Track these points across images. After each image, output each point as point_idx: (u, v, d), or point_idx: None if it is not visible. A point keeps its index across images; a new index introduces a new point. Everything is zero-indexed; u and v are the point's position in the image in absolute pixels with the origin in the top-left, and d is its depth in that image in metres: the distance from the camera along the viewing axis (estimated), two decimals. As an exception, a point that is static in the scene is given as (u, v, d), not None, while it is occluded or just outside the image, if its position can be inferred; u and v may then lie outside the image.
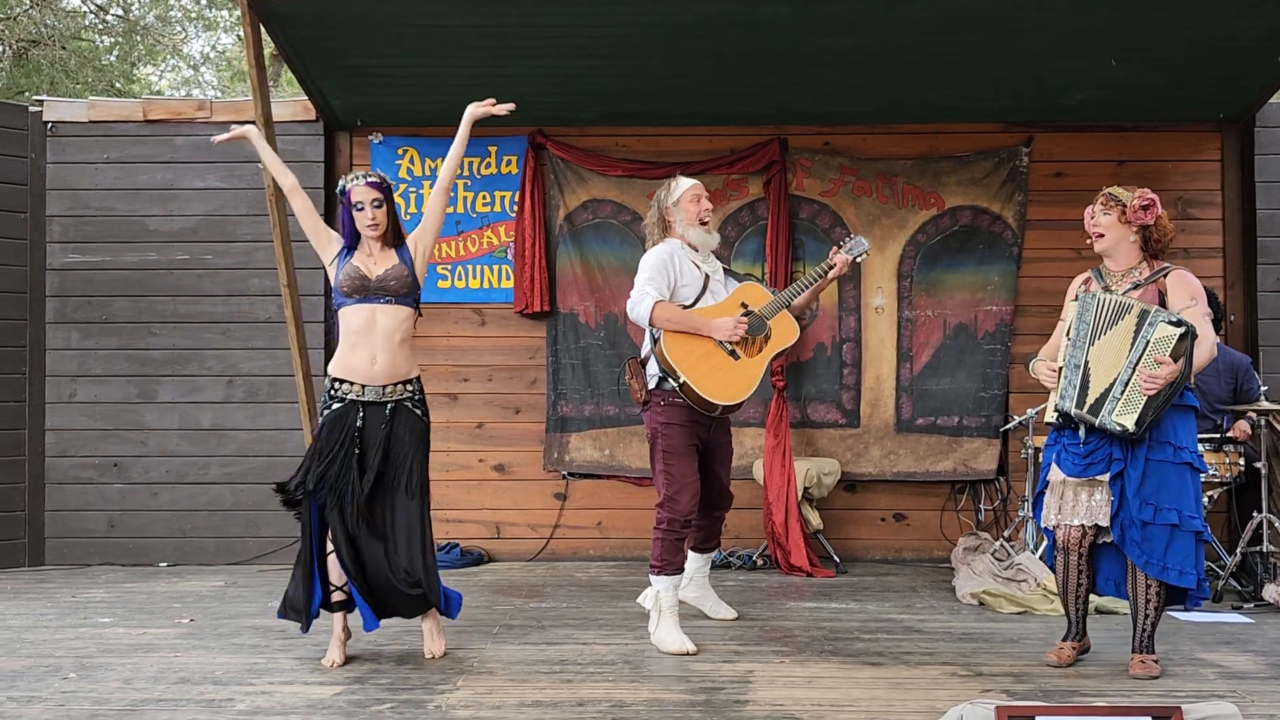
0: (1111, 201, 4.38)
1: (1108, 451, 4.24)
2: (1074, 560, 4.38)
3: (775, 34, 6.02)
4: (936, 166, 7.15)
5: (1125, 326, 4.19)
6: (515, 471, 7.28)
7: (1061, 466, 4.37)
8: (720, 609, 5.31)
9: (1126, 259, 4.37)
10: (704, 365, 4.76)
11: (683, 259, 4.89)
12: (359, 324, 4.42)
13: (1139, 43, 6.12)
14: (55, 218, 7.17)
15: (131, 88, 17.28)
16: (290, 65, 6.57)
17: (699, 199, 4.91)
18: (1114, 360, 4.20)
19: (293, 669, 4.41)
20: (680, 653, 4.60)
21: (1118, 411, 4.15)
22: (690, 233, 4.89)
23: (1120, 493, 4.23)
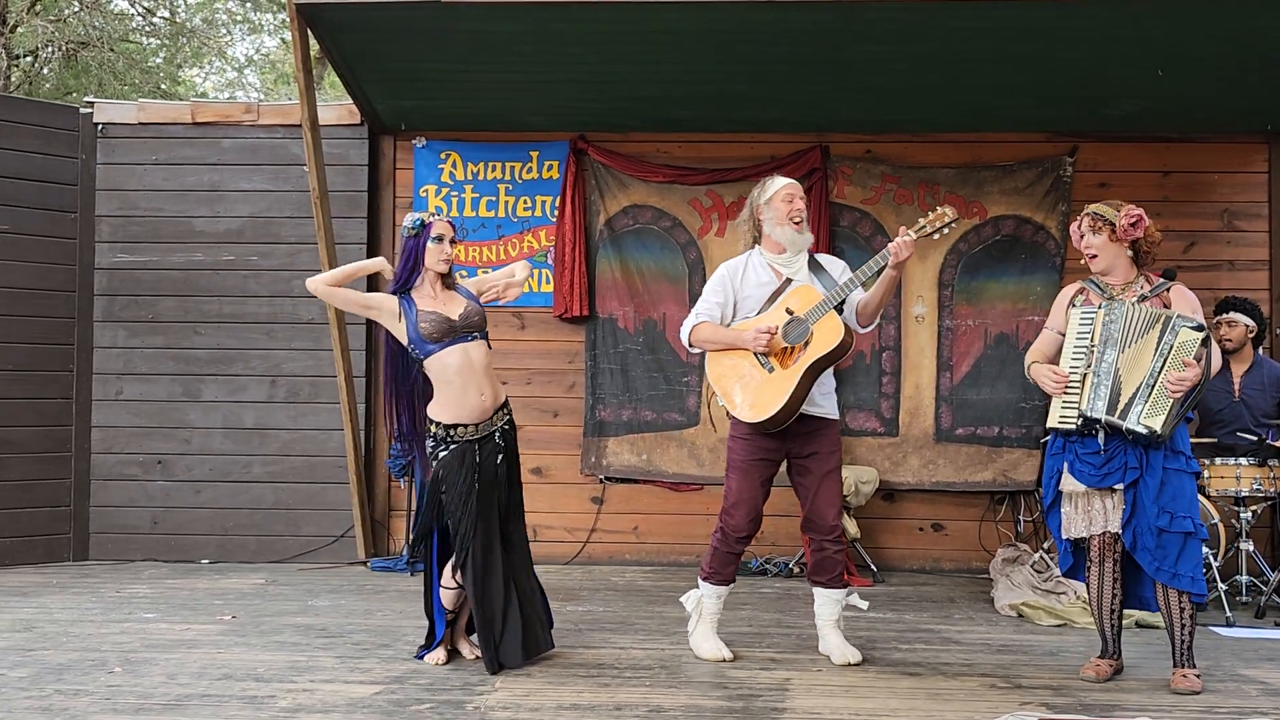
0: (1100, 222, 4.37)
1: (1123, 460, 4.25)
2: (1109, 569, 4.34)
3: (819, 41, 6.03)
4: (979, 175, 7.12)
5: (1154, 336, 4.21)
6: (552, 475, 7.32)
7: (1077, 476, 4.34)
8: (843, 652, 4.64)
9: (1123, 274, 4.40)
10: (737, 381, 4.62)
11: (756, 265, 4.70)
12: (457, 364, 4.42)
13: (1186, 53, 6.07)
14: (104, 218, 7.28)
15: (177, 89, 17.51)
16: (336, 69, 6.64)
17: (792, 199, 4.63)
18: (1140, 368, 4.22)
19: (333, 667, 4.46)
20: (715, 659, 4.61)
21: (1145, 414, 4.17)
22: (778, 231, 4.63)
23: (1134, 501, 4.22)
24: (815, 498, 4.62)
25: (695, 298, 7.12)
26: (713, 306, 4.68)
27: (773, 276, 4.67)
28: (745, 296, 4.67)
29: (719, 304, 4.68)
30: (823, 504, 4.61)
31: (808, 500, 4.65)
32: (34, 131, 7.10)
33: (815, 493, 4.62)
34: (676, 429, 7.21)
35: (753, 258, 4.73)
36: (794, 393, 4.46)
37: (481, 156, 7.34)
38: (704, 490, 7.20)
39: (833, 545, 4.62)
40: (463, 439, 4.45)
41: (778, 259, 4.68)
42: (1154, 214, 6.95)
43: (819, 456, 4.62)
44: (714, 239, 7.22)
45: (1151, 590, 4.39)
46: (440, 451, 4.45)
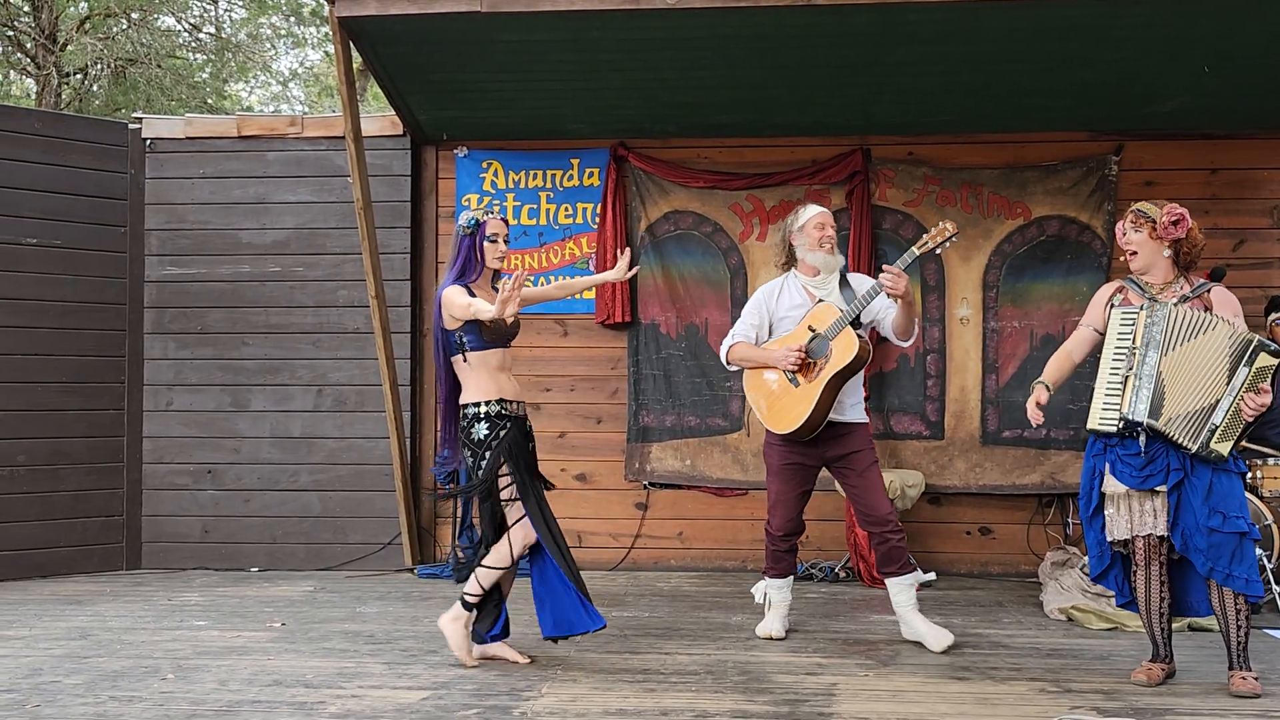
0: (1141, 218, 4.34)
1: (1165, 462, 4.20)
2: (1155, 572, 4.28)
3: (861, 44, 6.01)
4: (1023, 176, 7.06)
5: (1212, 346, 4.15)
6: (597, 481, 7.33)
7: (1118, 477, 4.29)
8: (936, 637, 4.88)
9: (1163, 274, 4.36)
10: (770, 398, 5.03)
11: (792, 288, 5.09)
12: (499, 362, 4.65)
13: (1233, 49, 5.99)
14: (153, 231, 7.39)
15: (223, 104, 17.75)
16: (378, 81, 6.71)
17: (823, 226, 5.01)
18: (1199, 378, 4.16)
19: (381, 674, 4.49)
20: (764, 635, 5.11)
21: (1217, 439, 4.14)
22: (811, 255, 5.01)
23: (1177, 503, 4.17)
24: (863, 493, 4.97)
25: (737, 302, 7.17)
26: (749, 328, 5.13)
27: (806, 299, 5.06)
28: (781, 318, 5.09)
29: (754, 325, 5.12)
30: (872, 496, 4.96)
31: (858, 498, 5.00)
32: (84, 148, 7.22)
33: (862, 489, 4.97)
34: (720, 434, 7.20)
35: (788, 280, 5.14)
36: (817, 404, 4.86)
37: (523, 165, 7.38)
38: (748, 495, 7.19)
39: (894, 534, 4.95)
40: (515, 414, 4.64)
41: (811, 281, 5.08)
42: (1202, 212, 6.92)
43: (856, 456, 4.99)
44: (755, 243, 7.21)
45: (1198, 596, 4.34)
46: (500, 430, 4.57)
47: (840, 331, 4.84)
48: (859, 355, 4.81)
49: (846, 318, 4.84)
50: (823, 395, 4.84)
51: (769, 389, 5.04)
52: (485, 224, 4.65)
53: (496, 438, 4.57)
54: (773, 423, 5.02)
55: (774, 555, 5.17)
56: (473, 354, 4.61)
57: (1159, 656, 4.38)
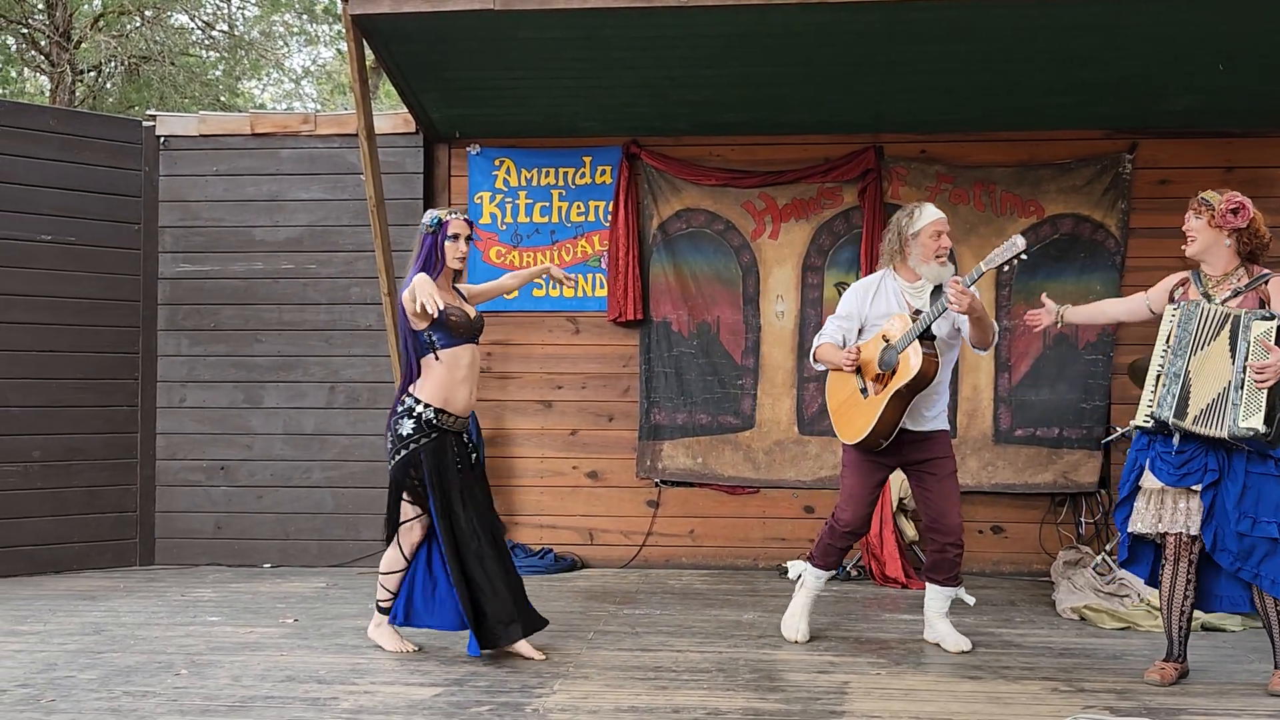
0: (1202, 205, 4.34)
1: (1203, 462, 4.18)
2: (1183, 569, 4.27)
3: (873, 42, 5.99)
4: (1036, 174, 7.04)
5: (1225, 338, 4.13)
6: (608, 478, 7.34)
7: (1156, 473, 4.29)
8: (955, 640, 4.92)
9: (1222, 264, 4.32)
10: (843, 405, 4.94)
11: (889, 291, 4.89)
12: (468, 361, 4.67)
13: (1248, 46, 5.96)
14: (167, 228, 7.41)
15: (236, 101, 17.80)
16: (391, 78, 6.71)
17: (940, 235, 4.80)
18: (1216, 371, 4.13)
19: (394, 670, 4.51)
20: (789, 638, 5.02)
21: (1242, 416, 4.07)
22: (924, 268, 4.82)
23: (1212, 504, 4.15)
24: (938, 501, 4.86)
25: (749, 300, 7.18)
26: (836, 330, 4.95)
27: (903, 307, 4.85)
28: (873, 323, 4.89)
29: (844, 327, 4.97)
30: (947, 506, 4.85)
31: (930, 504, 4.88)
32: (98, 145, 7.24)
33: (938, 496, 4.86)
34: (731, 432, 7.20)
35: (886, 281, 4.93)
36: (881, 417, 4.73)
37: (535, 163, 7.38)
38: (760, 493, 7.19)
39: (954, 548, 4.87)
40: (447, 428, 4.65)
41: (908, 287, 4.89)
42: (1216, 210, 6.85)
43: (935, 462, 4.87)
44: (767, 241, 7.20)
45: (1226, 590, 4.33)
46: (421, 438, 4.61)
47: (908, 346, 4.65)
48: (921, 373, 4.61)
49: (914, 332, 4.65)
50: (886, 409, 4.69)
51: (841, 395, 4.94)
52: (448, 223, 4.66)
53: (416, 442, 4.61)
54: (839, 429, 4.95)
55: (828, 549, 5.02)
56: (444, 352, 4.63)
57: (1173, 655, 4.38)
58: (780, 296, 7.18)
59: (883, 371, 4.73)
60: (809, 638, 5.04)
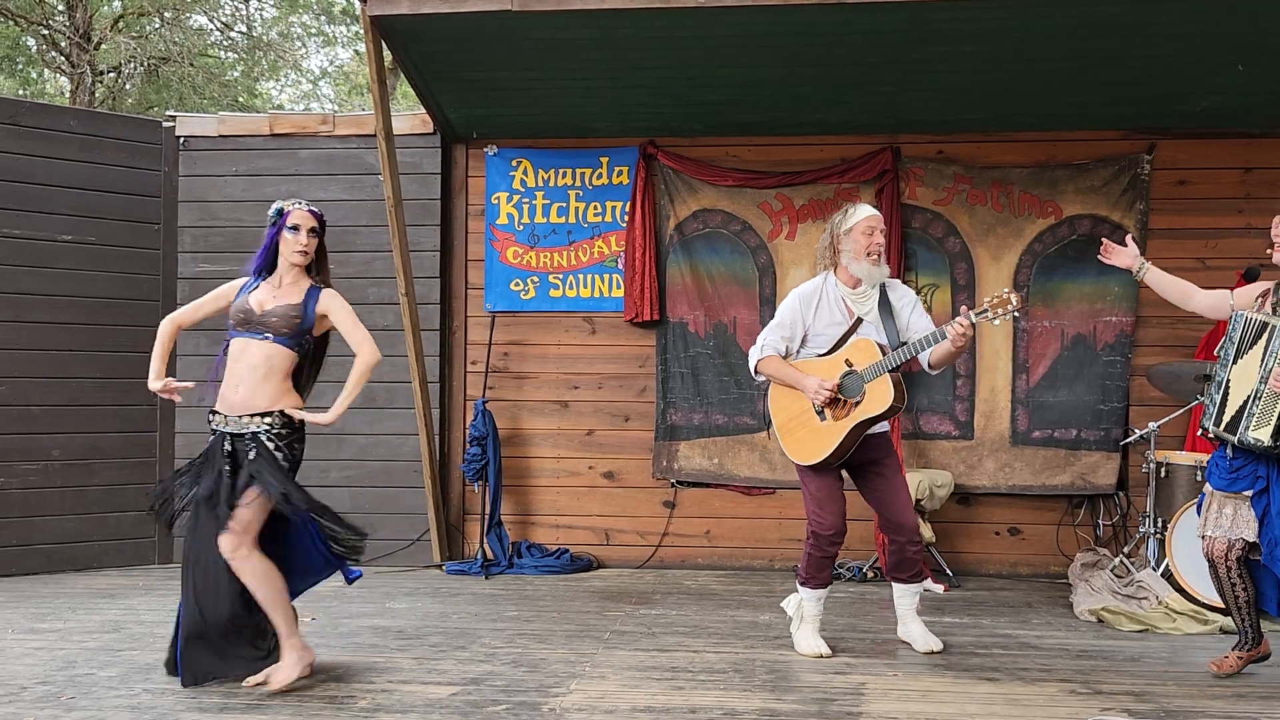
0: None
1: (1253, 470, 4.24)
2: (1223, 572, 4.37)
3: (890, 42, 5.98)
4: (1054, 174, 7.01)
5: (1260, 347, 4.17)
6: (624, 479, 7.34)
7: (1210, 479, 4.42)
8: (925, 640, 4.89)
9: None
10: (792, 421, 4.82)
11: (830, 299, 4.80)
12: (234, 353, 4.42)
13: (1266, 47, 5.92)
14: (186, 228, 7.45)
15: (254, 102, 17.89)
16: (409, 79, 6.73)
17: (873, 231, 4.70)
18: (1249, 379, 4.17)
19: (410, 669, 4.52)
20: (813, 655, 4.79)
21: (1254, 426, 4.15)
22: (855, 265, 4.72)
23: (1265, 512, 4.19)
24: (890, 502, 4.80)
25: (765, 301, 7.16)
26: (780, 340, 4.84)
27: (845, 316, 4.79)
28: (816, 334, 4.82)
29: (786, 338, 4.84)
30: (899, 506, 4.80)
31: (883, 506, 4.83)
32: (118, 145, 7.29)
33: (888, 497, 4.80)
34: (748, 433, 7.19)
35: (827, 288, 4.82)
36: (840, 445, 4.69)
37: (552, 163, 7.40)
38: (776, 494, 7.18)
39: (911, 546, 4.81)
40: (216, 427, 4.35)
41: (851, 292, 4.79)
42: (1235, 211, 6.88)
43: (881, 463, 4.81)
44: (784, 242, 7.20)
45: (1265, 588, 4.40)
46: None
47: (878, 377, 4.60)
48: (892, 406, 4.58)
49: (886, 365, 4.59)
50: (847, 437, 4.65)
51: (791, 413, 4.83)
52: (288, 214, 4.40)
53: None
54: (791, 450, 4.84)
55: (819, 563, 4.82)
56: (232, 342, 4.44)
57: (1241, 644, 4.46)
58: (797, 297, 7.17)
59: (843, 398, 4.66)
60: (832, 651, 4.85)
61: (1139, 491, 6.71)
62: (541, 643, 4.99)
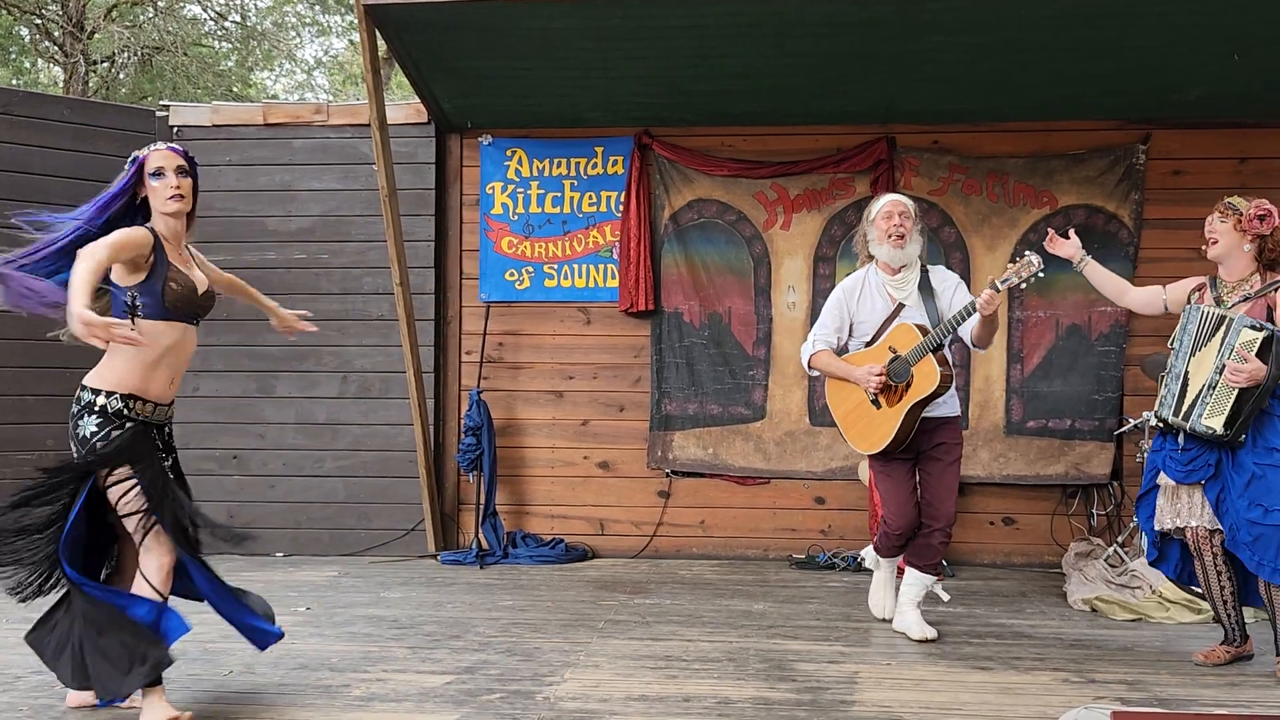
0: (1229, 210, 4.47)
1: (1205, 458, 4.30)
2: (1209, 560, 4.39)
3: (886, 32, 5.98)
4: (1049, 165, 7.01)
5: (1218, 340, 4.24)
6: (619, 469, 7.34)
7: (1167, 472, 4.45)
8: (920, 629, 4.89)
9: (1240, 269, 4.42)
10: (851, 414, 4.95)
11: (872, 289, 4.92)
12: (171, 343, 3.73)
13: (1264, 36, 5.92)
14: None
15: (248, 92, 17.84)
16: (403, 68, 6.72)
17: (891, 215, 4.82)
18: (1207, 369, 4.25)
19: (405, 658, 4.52)
20: (876, 615, 5.24)
21: (1206, 414, 4.25)
22: (878, 249, 4.86)
23: (1219, 499, 4.26)
24: (935, 486, 4.90)
25: (760, 291, 7.16)
26: (829, 333, 4.99)
27: (887, 302, 4.91)
28: (860, 321, 4.96)
29: (835, 329, 5.00)
30: (942, 493, 4.88)
31: (928, 488, 4.93)
32: (112, 135, 7.27)
33: (936, 482, 4.90)
34: (742, 423, 7.20)
35: (869, 277, 4.97)
36: (899, 431, 4.76)
37: (547, 153, 7.38)
38: (771, 484, 7.19)
39: (940, 535, 4.88)
40: (141, 417, 3.70)
41: (891, 280, 4.92)
42: (1230, 201, 6.82)
43: (943, 448, 4.91)
44: (779, 232, 7.20)
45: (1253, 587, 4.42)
46: (110, 429, 3.62)
47: (922, 359, 4.68)
48: (940, 386, 4.67)
49: (928, 345, 4.67)
50: (904, 422, 4.74)
51: (849, 405, 4.94)
52: (145, 158, 3.73)
53: (108, 439, 3.60)
54: (854, 440, 4.97)
55: (884, 543, 5.06)
56: (144, 323, 3.64)
57: (1227, 639, 4.49)
58: (792, 287, 7.17)
59: (894, 384, 4.76)
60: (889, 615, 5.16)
61: (1133, 481, 6.72)
62: (536, 632, 4.99)
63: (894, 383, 4.75)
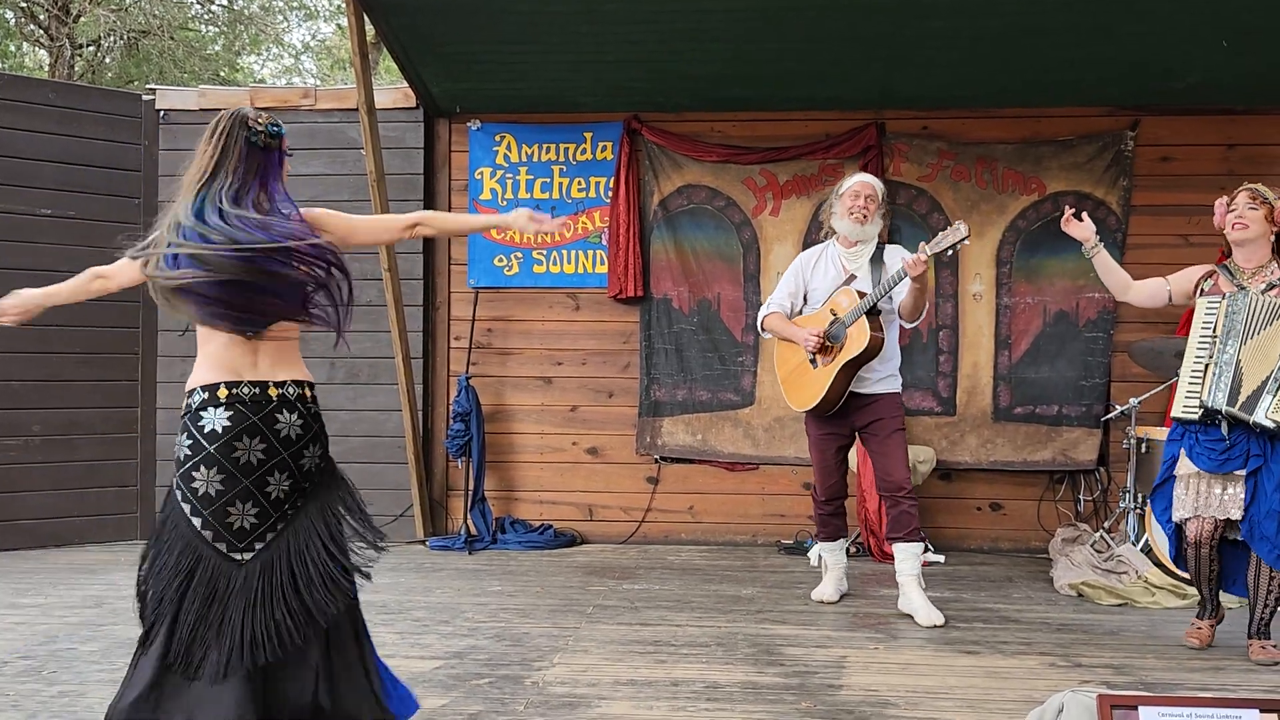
0: (1260, 198, 4.47)
1: (1245, 447, 4.32)
2: (1206, 553, 4.43)
3: (876, 18, 5.96)
4: (1038, 151, 7.01)
5: (1276, 328, 4.24)
6: (608, 455, 7.35)
7: (1196, 461, 4.41)
8: (928, 614, 4.92)
9: (1259, 256, 4.46)
10: (792, 374, 5.29)
11: (827, 259, 5.25)
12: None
13: (1252, 22, 5.93)
14: (167, 203, 7.37)
15: (235, 76, 17.74)
16: (391, 53, 6.68)
17: (858, 195, 5.13)
18: (1267, 359, 4.23)
19: (394, 643, 4.52)
20: (816, 599, 5.40)
21: (1272, 407, 4.22)
22: (839, 222, 5.18)
23: (1255, 488, 4.25)
24: (882, 458, 5.11)
25: (749, 277, 7.16)
26: (784, 297, 5.31)
27: (840, 272, 5.21)
28: (814, 289, 5.26)
29: (790, 294, 5.31)
30: (889, 463, 5.08)
31: (876, 462, 5.15)
32: (98, 119, 7.22)
33: (881, 453, 5.11)
34: (731, 409, 7.20)
35: (829, 249, 5.31)
36: (831, 387, 5.05)
37: (535, 138, 7.36)
38: (759, 470, 7.20)
39: (905, 500, 5.06)
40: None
41: (847, 252, 5.23)
42: (1218, 188, 6.83)
43: (881, 423, 5.13)
44: (768, 218, 7.19)
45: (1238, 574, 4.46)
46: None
47: (856, 320, 4.98)
48: (869, 347, 4.94)
49: (862, 307, 4.96)
50: (835, 380, 5.03)
51: (791, 366, 5.28)
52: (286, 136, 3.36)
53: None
54: (790, 398, 5.30)
55: (821, 520, 5.43)
56: None
57: (1207, 611, 4.55)
58: (780, 273, 7.15)
59: (830, 345, 5.05)
60: (836, 599, 5.39)
61: (1119, 467, 6.76)
62: (525, 617, 5.00)
63: (830, 344, 5.05)
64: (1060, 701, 3.03)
